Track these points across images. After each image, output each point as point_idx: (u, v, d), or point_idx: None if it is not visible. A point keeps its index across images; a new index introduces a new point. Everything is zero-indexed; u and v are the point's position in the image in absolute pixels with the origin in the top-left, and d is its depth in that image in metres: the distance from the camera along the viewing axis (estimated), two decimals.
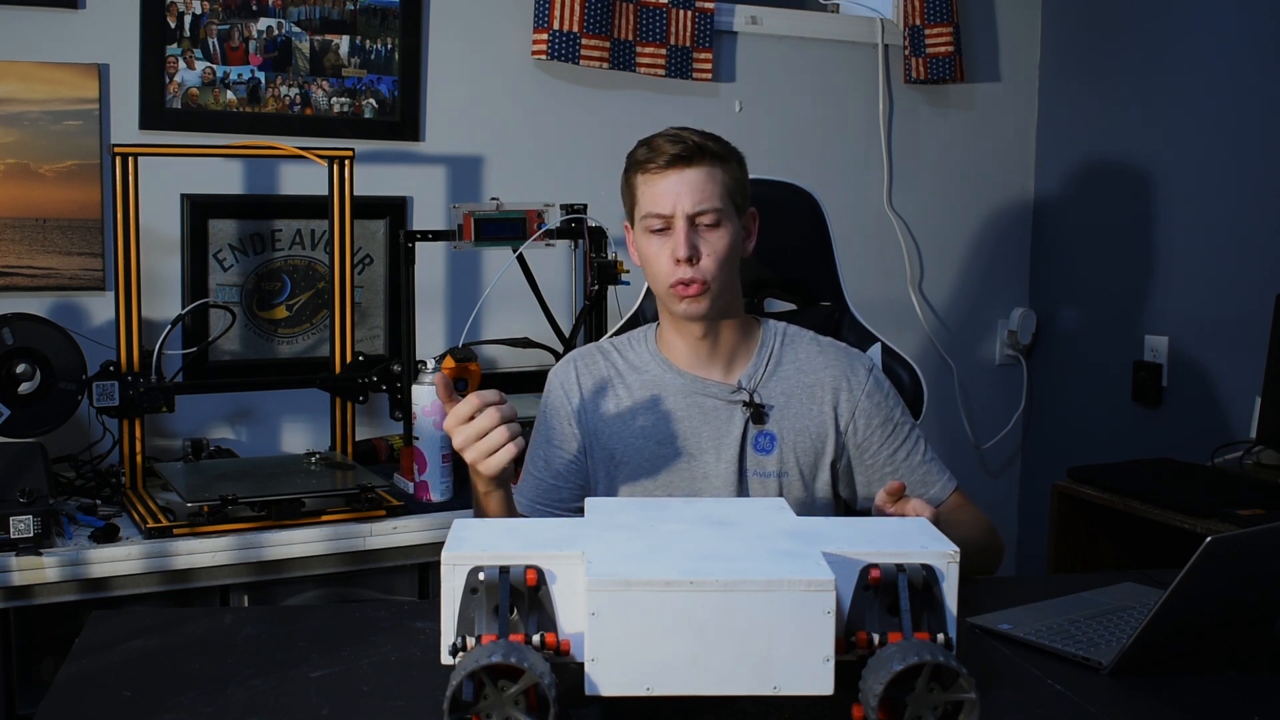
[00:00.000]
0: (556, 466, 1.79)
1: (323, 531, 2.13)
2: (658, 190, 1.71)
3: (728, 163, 1.74)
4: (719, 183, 1.71)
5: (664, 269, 1.72)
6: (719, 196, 1.71)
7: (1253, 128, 2.81)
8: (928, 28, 3.17)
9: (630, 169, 1.75)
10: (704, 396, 1.77)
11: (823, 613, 1.14)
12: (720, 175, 1.71)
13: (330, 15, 2.65)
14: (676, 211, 1.69)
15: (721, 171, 1.72)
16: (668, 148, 1.70)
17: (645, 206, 1.72)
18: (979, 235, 3.43)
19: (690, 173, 1.70)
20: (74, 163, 2.45)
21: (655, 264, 1.73)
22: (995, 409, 3.47)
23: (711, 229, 1.71)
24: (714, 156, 1.72)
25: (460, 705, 1.10)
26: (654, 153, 1.71)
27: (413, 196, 2.76)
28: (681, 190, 1.69)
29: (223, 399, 2.60)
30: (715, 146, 1.73)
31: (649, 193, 1.72)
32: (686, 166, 1.70)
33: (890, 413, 1.81)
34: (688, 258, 1.69)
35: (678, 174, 1.70)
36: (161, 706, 1.23)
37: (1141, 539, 2.55)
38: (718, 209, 1.70)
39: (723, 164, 1.73)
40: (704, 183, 1.70)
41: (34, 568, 1.93)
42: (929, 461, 1.82)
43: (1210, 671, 1.37)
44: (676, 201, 1.69)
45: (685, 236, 1.69)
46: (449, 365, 1.61)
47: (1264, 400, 2.58)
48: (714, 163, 1.71)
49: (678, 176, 1.70)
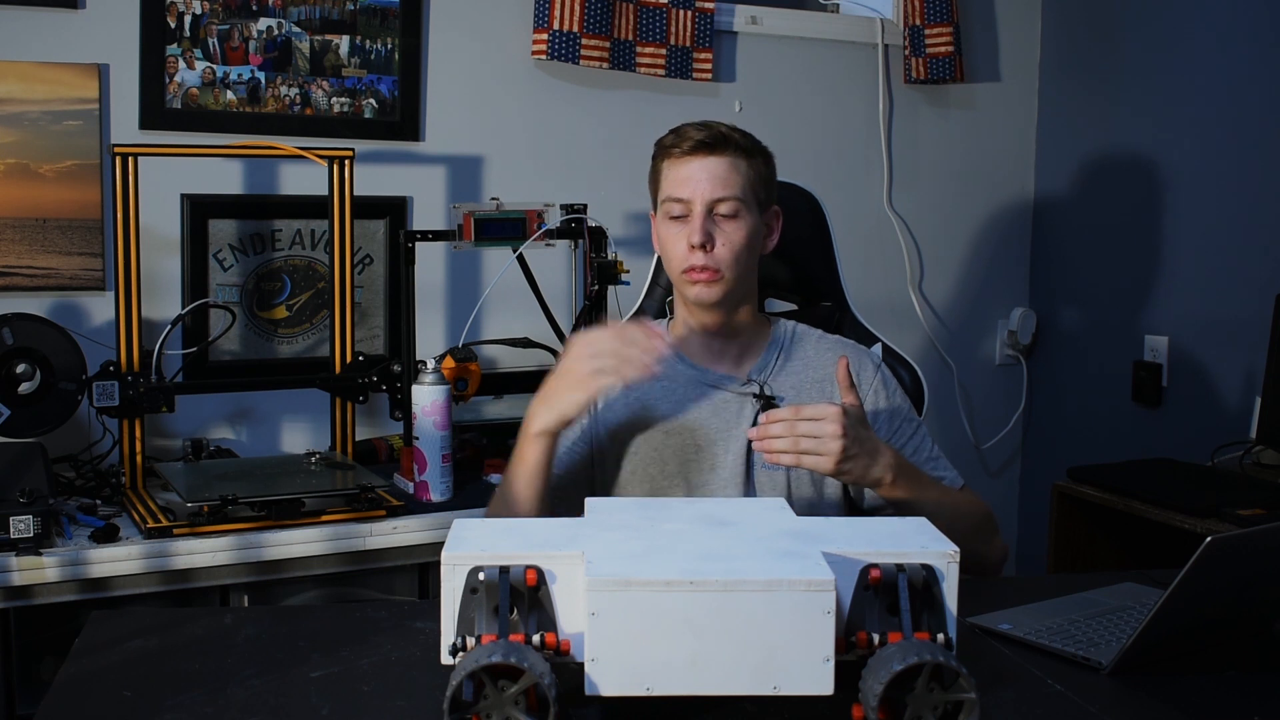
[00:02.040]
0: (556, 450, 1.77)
1: (323, 531, 2.12)
2: (680, 175, 1.72)
3: (753, 157, 1.74)
4: (741, 174, 1.72)
5: (678, 254, 1.73)
6: (740, 187, 1.71)
7: (1253, 127, 2.81)
8: (928, 28, 3.17)
9: (657, 154, 1.77)
10: (715, 388, 1.78)
11: (823, 613, 1.14)
12: (744, 167, 1.72)
13: (330, 15, 2.65)
14: (695, 197, 1.70)
15: (746, 164, 1.73)
16: (694, 134, 1.72)
17: (666, 191, 1.73)
18: (979, 235, 3.43)
19: (713, 161, 1.70)
20: (74, 163, 2.45)
21: (671, 249, 1.74)
22: (995, 409, 3.47)
23: (729, 219, 1.71)
24: (739, 148, 1.73)
25: (460, 705, 1.10)
26: (680, 138, 1.73)
27: (413, 196, 2.76)
28: (702, 177, 1.70)
29: (223, 399, 2.60)
30: (741, 139, 1.74)
31: (671, 177, 1.73)
32: (710, 154, 1.71)
33: (896, 409, 1.81)
34: (701, 244, 1.69)
35: (700, 161, 1.71)
36: (161, 706, 1.23)
37: (1141, 539, 2.55)
38: (737, 199, 1.71)
39: (748, 157, 1.73)
40: (726, 172, 1.71)
41: (34, 568, 1.93)
42: (934, 459, 1.82)
43: (1210, 671, 1.37)
44: (696, 187, 1.70)
45: (701, 223, 1.70)
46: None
47: (1264, 400, 2.58)
48: (738, 154, 1.72)
49: (700, 163, 1.71)
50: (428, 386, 2.23)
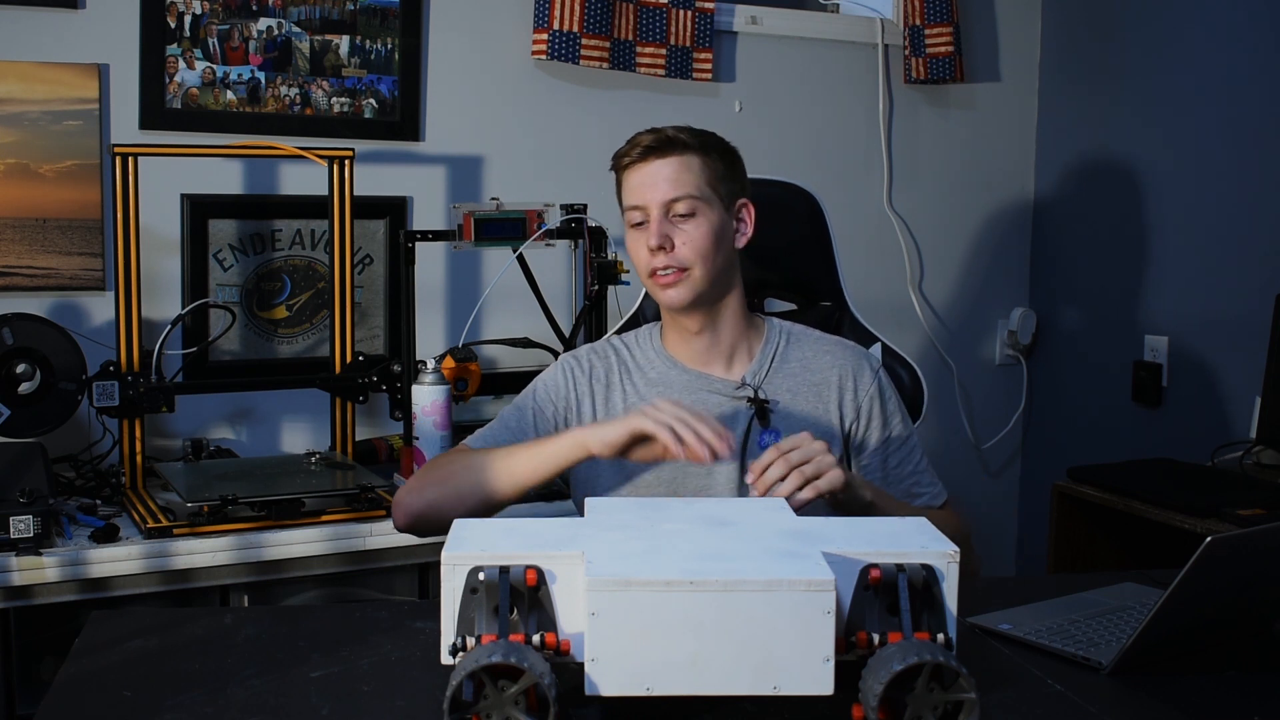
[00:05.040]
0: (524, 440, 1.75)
1: (323, 531, 2.13)
2: (634, 182, 1.73)
3: (706, 153, 1.73)
4: (694, 172, 1.71)
5: (642, 260, 1.74)
6: (694, 185, 1.71)
7: (1252, 127, 2.81)
8: (928, 28, 3.17)
9: (614, 166, 1.77)
10: (708, 393, 1.77)
11: (823, 613, 1.14)
12: (697, 165, 1.72)
13: (330, 15, 2.65)
14: (650, 202, 1.71)
15: (700, 161, 1.72)
16: (643, 140, 1.73)
17: (625, 200, 1.75)
18: (979, 235, 3.43)
19: (662, 163, 1.71)
20: (74, 163, 2.46)
21: (636, 256, 1.75)
22: (995, 409, 3.47)
23: (686, 218, 1.71)
24: (687, 146, 1.72)
25: (460, 705, 1.10)
26: (630, 146, 1.74)
27: (413, 196, 2.76)
28: (656, 180, 1.71)
29: (223, 399, 2.60)
30: (689, 138, 1.73)
31: (628, 185, 1.74)
32: (659, 157, 1.71)
33: (890, 419, 1.81)
34: (659, 246, 1.70)
35: (651, 165, 1.71)
36: (161, 706, 1.23)
37: (1141, 539, 2.55)
38: (692, 197, 1.70)
39: (700, 154, 1.72)
40: (677, 172, 1.71)
41: (34, 568, 1.93)
42: (919, 473, 1.82)
43: (1210, 671, 1.37)
44: (648, 192, 1.71)
45: (657, 226, 1.70)
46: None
47: (1264, 400, 2.58)
48: (688, 152, 1.72)
49: (651, 167, 1.71)
50: (428, 386, 2.23)
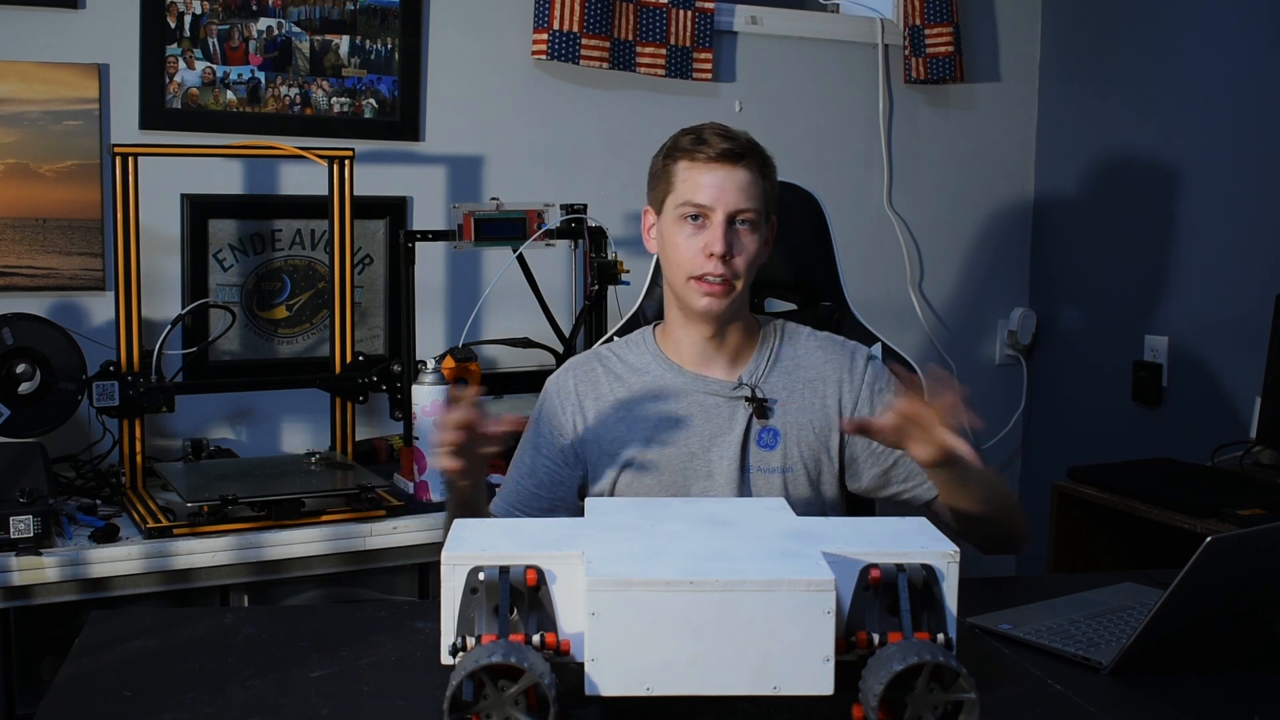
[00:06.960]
0: (540, 475, 1.78)
1: (323, 531, 2.13)
2: (702, 181, 1.69)
3: (768, 171, 1.75)
4: (759, 185, 1.72)
5: (690, 260, 1.70)
6: (759, 199, 1.71)
7: (1252, 127, 2.81)
8: (928, 28, 3.17)
9: (672, 154, 1.73)
10: (706, 394, 1.77)
11: (823, 613, 1.14)
12: (762, 181, 1.72)
13: (330, 15, 2.65)
14: (719, 206, 1.69)
15: (763, 178, 1.73)
16: (719, 141, 1.70)
17: (684, 194, 1.70)
18: (979, 235, 3.43)
19: (739, 172, 1.69)
20: (74, 163, 2.45)
21: (682, 253, 1.71)
22: (995, 409, 3.47)
23: (748, 231, 1.71)
24: (762, 162, 1.73)
25: (460, 705, 1.10)
26: (703, 143, 1.70)
27: (413, 196, 2.76)
28: (729, 187, 1.69)
29: (223, 399, 2.60)
30: (758, 149, 1.73)
31: (692, 181, 1.70)
32: (736, 164, 1.69)
33: (888, 403, 1.80)
34: (723, 254, 1.68)
35: (726, 170, 1.69)
36: (161, 706, 1.23)
37: (1141, 539, 2.55)
38: (757, 212, 1.71)
39: (765, 170, 1.74)
40: (750, 184, 1.70)
41: (34, 568, 1.93)
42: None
43: (1210, 671, 1.37)
44: (720, 196, 1.69)
45: (723, 233, 1.68)
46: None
47: (1264, 400, 2.58)
48: (761, 167, 1.72)
49: (726, 172, 1.69)
50: (428, 386, 2.23)
